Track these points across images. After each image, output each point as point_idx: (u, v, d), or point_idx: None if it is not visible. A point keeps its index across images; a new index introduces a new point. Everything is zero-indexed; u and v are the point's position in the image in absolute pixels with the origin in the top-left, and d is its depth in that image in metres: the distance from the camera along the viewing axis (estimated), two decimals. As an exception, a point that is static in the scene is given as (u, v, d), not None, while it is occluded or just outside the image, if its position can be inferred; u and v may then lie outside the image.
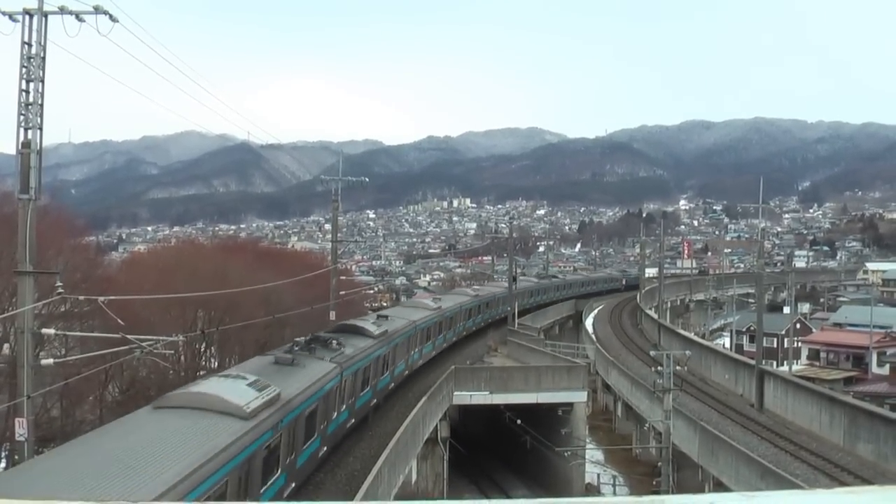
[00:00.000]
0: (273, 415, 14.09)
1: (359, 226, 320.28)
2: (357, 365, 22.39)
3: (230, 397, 13.19)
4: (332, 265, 36.02)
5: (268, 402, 14.02)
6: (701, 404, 34.42)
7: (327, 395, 18.56)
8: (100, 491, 8.82)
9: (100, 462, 9.97)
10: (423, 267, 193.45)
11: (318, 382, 17.74)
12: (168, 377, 26.68)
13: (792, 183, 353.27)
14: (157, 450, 10.67)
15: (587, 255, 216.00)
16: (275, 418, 14.15)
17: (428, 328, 36.00)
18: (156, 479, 9.66)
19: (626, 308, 77.86)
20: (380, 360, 25.68)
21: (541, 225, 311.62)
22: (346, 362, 20.95)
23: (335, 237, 37.21)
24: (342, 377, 20.10)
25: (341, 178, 36.32)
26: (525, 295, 65.98)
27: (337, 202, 36.26)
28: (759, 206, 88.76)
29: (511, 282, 54.18)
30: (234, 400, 13.15)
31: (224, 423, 12.26)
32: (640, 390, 35.05)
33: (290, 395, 15.35)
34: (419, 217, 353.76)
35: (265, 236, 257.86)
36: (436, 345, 38.15)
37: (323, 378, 18.28)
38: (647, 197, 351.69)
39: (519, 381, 34.32)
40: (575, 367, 35.86)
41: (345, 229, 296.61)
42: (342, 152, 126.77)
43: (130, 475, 9.62)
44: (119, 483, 9.27)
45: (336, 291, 34.81)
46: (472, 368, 36.58)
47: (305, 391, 16.54)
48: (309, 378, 17.40)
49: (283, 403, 14.77)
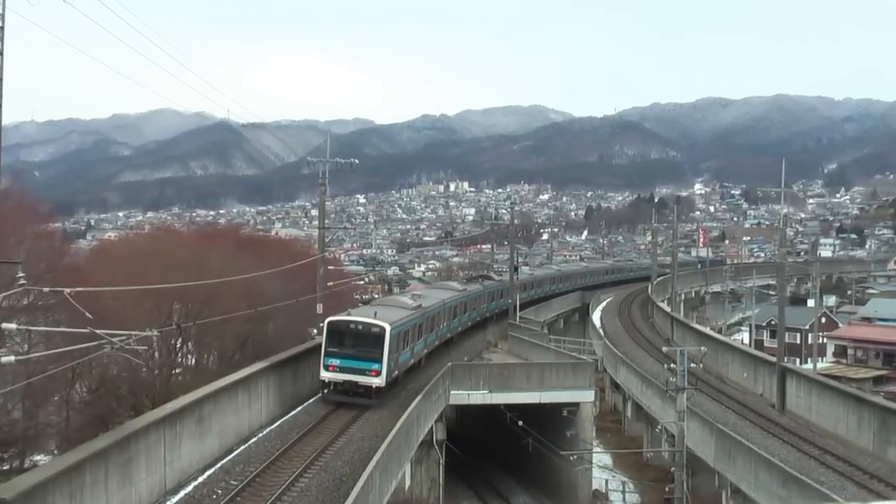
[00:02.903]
0: (412, 314, 33.43)
1: (348, 211, 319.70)
2: (399, 328, 30.77)
3: (404, 300, 35.98)
4: (318, 254, 35.94)
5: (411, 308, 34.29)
6: (717, 405, 34.51)
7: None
8: (381, 313, 29.80)
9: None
10: (417, 256, 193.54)
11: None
12: (141, 375, 26.66)
13: (817, 165, 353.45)
14: (395, 310, 32.09)
15: (594, 244, 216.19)
16: (415, 313, 33.81)
17: (454, 307, 43.14)
18: (402, 312, 31.76)
19: (636, 300, 77.93)
20: (415, 328, 34.04)
21: (544, 211, 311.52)
22: (394, 323, 30.11)
23: (322, 224, 37.06)
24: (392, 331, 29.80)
25: (329, 159, 36.12)
26: (536, 284, 65.97)
27: (324, 186, 36.12)
28: (781, 190, 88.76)
29: (512, 272, 54.29)
30: (407, 302, 35.54)
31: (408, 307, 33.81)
32: (651, 389, 35.11)
33: (403, 314, 32.80)
34: (413, 202, 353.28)
35: (246, 223, 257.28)
36: (461, 322, 45.04)
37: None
38: (659, 180, 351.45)
39: (520, 380, 34.38)
40: (581, 364, 35.91)
41: (333, 215, 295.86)
42: (330, 132, 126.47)
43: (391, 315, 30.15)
44: (392, 313, 30.81)
45: (323, 282, 34.75)
46: (470, 365, 36.63)
47: (405, 319, 32.28)
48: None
49: (413, 311, 34.00)
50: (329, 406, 28.47)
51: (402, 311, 33.09)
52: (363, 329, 29.11)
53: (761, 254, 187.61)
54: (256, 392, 25.76)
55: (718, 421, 29.22)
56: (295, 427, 25.70)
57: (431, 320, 37.23)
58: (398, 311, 32.67)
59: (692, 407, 28.39)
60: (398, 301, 37.33)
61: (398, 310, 33.16)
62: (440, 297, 41.50)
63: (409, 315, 33.15)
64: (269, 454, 22.29)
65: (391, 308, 33.30)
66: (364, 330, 29.10)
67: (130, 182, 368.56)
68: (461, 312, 44.80)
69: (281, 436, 24.63)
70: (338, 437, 24.55)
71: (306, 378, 31.52)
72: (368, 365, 28.82)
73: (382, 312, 30.91)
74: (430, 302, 38.15)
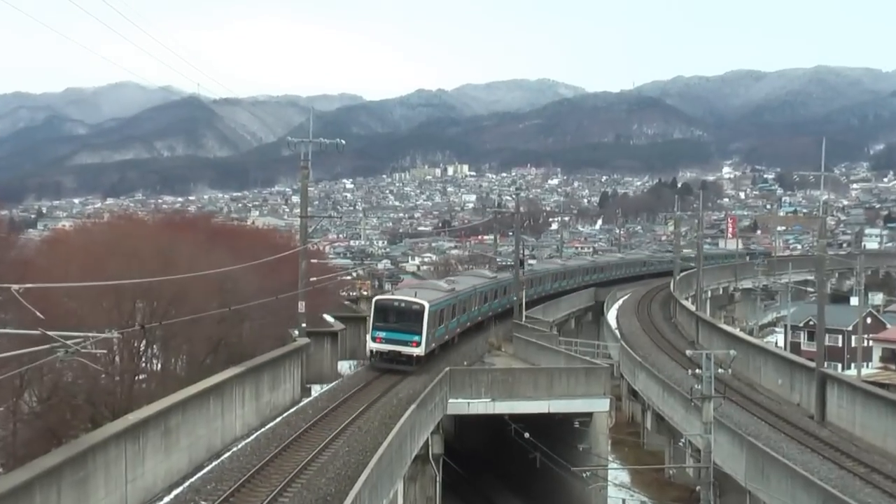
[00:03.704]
0: (447, 295, 42.79)
1: (333, 198, 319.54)
2: (436, 306, 40.30)
3: (440, 284, 47.20)
4: (300, 246, 35.93)
5: (446, 291, 43.89)
6: (749, 415, 34.60)
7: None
8: (420, 293, 40.77)
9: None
10: (411, 248, 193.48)
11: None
12: (100, 382, 26.61)
13: (861, 146, 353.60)
14: (432, 291, 42.71)
15: (610, 234, 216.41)
16: (450, 295, 43.09)
17: (485, 292, 51.22)
18: (438, 293, 42.35)
19: (656, 298, 78.12)
20: (449, 308, 43.05)
21: (553, 197, 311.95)
22: (432, 301, 39.77)
23: (305, 212, 37.13)
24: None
25: (312, 139, 36.06)
26: (537, 282, 66.33)
27: (307, 169, 36.14)
28: (821, 174, 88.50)
29: (518, 266, 54.57)
30: (442, 285, 46.24)
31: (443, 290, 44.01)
32: (673, 398, 35.16)
33: (440, 295, 42.11)
34: (406, 188, 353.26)
35: (219, 210, 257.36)
36: (492, 307, 53.13)
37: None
38: (682, 163, 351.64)
39: (527, 386, 34.52)
40: (595, 369, 36.08)
41: (316, 202, 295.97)
42: (313, 109, 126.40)
43: (429, 294, 41.02)
44: (430, 293, 41.48)
45: (306, 277, 34.77)
46: (470, 370, 36.78)
47: (441, 299, 41.93)
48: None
49: (448, 293, 43.18)
50: (314, 415, 28.72)
51: (439, 293, 43.07)
52: (405, 306, 38.91)
53: (798, 246, 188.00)
54: (230, 401, 25.83)
55: (750, 433, 29.27)
56: (274, 440, 25.78)
57: (464, 303, 46.70)
58: (435, 292, 42.74)
59: (720, 418, 28.44)
60: (435, 284, 48.55)
61: (435, 291, 43.37)
62: (472, 282, 50.86)
63: (444, 296, 43.02)
64: (244, 470, 22.35)
65: (429, 289, 43.90)
66: (406, 307, 38.88)
67: (87, 164, 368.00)
68: (491, 298, 53.52)
69: (258, 450, 24.69)
70: (322, 451, 24.62)
71: (287, 385, 31.55)
72: (410, 337, 38.31)
73: (422, 293, 41.40)
74: (462, 286, 47.71)
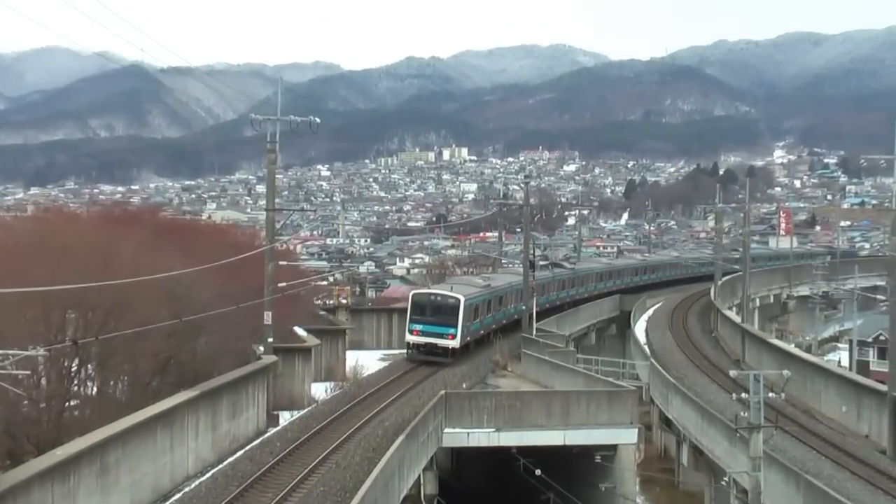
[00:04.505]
0: (482, 291, 52.85)
1: (306, 187, 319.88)
2: (471, 301, 49.04)
3: (476, 280, 59.12)
4: (266, 245, 35.90)
5: (481, 287, 54.24)
6: (806, 449, 34.58)
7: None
8: (456, 288, 50.64)
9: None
10: (400, 247, 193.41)
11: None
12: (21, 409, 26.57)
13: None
14: (467, 286, 52.46)
15: (638, 231, 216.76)
16: (485, 291, 53.19)
17: (521, 290, 56.38)
18: (474, 289, 52.11)
19: (693, 307, 78.17)
20: (484, 304, 51.95)
21: (570, 186, 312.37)
22: (467, 296, 48.78)
23: (272, 204, 37.08)
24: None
25: (280, 117, 36.04)
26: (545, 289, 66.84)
27: (274, 153, 36.14)
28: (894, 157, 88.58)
29: (527, 269, 54.92)
30: (477, 281, 57.57)
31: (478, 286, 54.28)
32: (715, 427, 35.10)
33: (475, 290, 52.06)
34: (394, 175, 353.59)
35: (168, 202, 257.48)
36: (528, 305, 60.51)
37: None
38: (725, 145, 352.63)
39: (538, 414, 34.54)
40: (620, 392, 36.12)
41: (286, 193, 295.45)
42: (281, 80, 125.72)
43: (465, 289, 50.54)
44: (466, 288, 51.27)
45: (273, 283, 34.76)
46: (470, 394, 36.76)
47: (476, 294, 51.01)
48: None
49: (483, 289, 53.27)
50: (282, 448, 28.77)
51: (474, 288, 52.31)
52: (441, 300, 48.15)
53: (865, 244, 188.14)
54: (182, 431, 25.86)
55: (808, 471, 29.26)
56: (234, 479, 25.77)
57: (500, 300, 55.52)
58: (471, 288, 52.03)
59: (771, 452, 28.43)
60: (471, 280, 59.02)
61: (470, 286, 52.65)
62: (508, 280, 59.58)
63: (479, 292, 52.12)
64: (198, 516, 22.32)
65: (465, 285, 53.25)
66: (442, 300, 48.03)
67: (6, 146, 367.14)
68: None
69: (214, 491, 24.67)
70: (292, 492, 24.61)
71: (250, 412, 31.52)
72: (446, 329, 47.11)
73: (458, 287, 50.90)
74: (498, 283, 56.98)
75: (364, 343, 62.63)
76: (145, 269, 28.77)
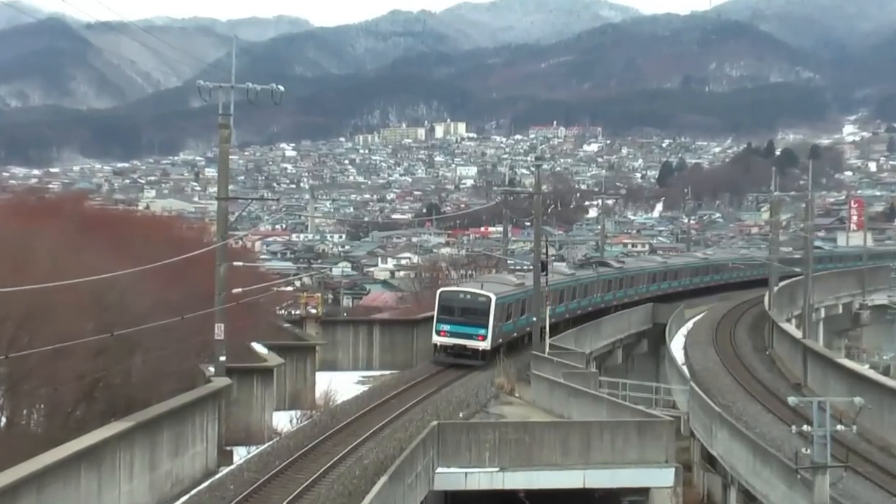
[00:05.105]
0: (515, 290, 59.39)
1: (268, 171, 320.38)
2: (503, 300, 54.92)
3: (509, 278, 66.16)
4: (218, 241, 35.66)
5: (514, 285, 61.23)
6: (884, 495, 34.39)
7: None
8: (487, 286, 58.51)
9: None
10: (382, 245, 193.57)
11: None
12: None
13: None
14: (500, 285, 59.70)
15: (675, 224, 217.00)
16: (518, 290, 59.37)
17: (561, 291, 64.17)
18: (506, 287, 59.09)
19: (743, 319, 78.31)
20: (518, 303, 57.56)
21: (592, 170, 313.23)
22: (499, 294, 54.77)
23: (225, 191, 36.82)
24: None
25: (235, 84, 35.80)
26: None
27: (227, 128, 35.89)
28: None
29: (538, 271, 55.25)
30: (511, 279, 65.03)
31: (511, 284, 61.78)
32: (770, 467, 34.94)
33: (507, 289, 59.09)
34: (375, 156, 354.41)
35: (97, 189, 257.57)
36: (569, 309, 67.43)
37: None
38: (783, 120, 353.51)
39: (552, 449, 34.40)
40: (652, 423, 36.12)
41: (242, 178, 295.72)
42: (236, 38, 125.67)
43: (496, 288, 57.69)
44: (497, 287, 58.34)
45: (226, 288, 34.58)
46: (468, 425, 36.49)
47: (508, 293, 57.88)
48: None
49: (516, 288, 60.02)
50: (236, 493, 28.68)
51: (507, 287, 58.10)
52: (471, 298, 54.05)
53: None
54: (112, 471, 25.63)
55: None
56: (176, 531, 25.50)
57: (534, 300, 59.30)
58: (503, 286, 57.66)
59: (840, 498, 28.16)
60: (503, 278, 64.09)
61: (503, 284, 58.37)
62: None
63: (512, 290, 57.93)
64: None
65: (496, 283, 59.48)
66: (472, 299, 53.98)
67: None
68: (568, 298, 67.66)
69: (152, 546, 24.39)
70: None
71: (197, 447, 31.27)
72: (475, 330, 52.58)
73: (489, 285, 57.00)
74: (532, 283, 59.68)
75: (338, 363, 62.26)
76: (67, 272, 28.58)
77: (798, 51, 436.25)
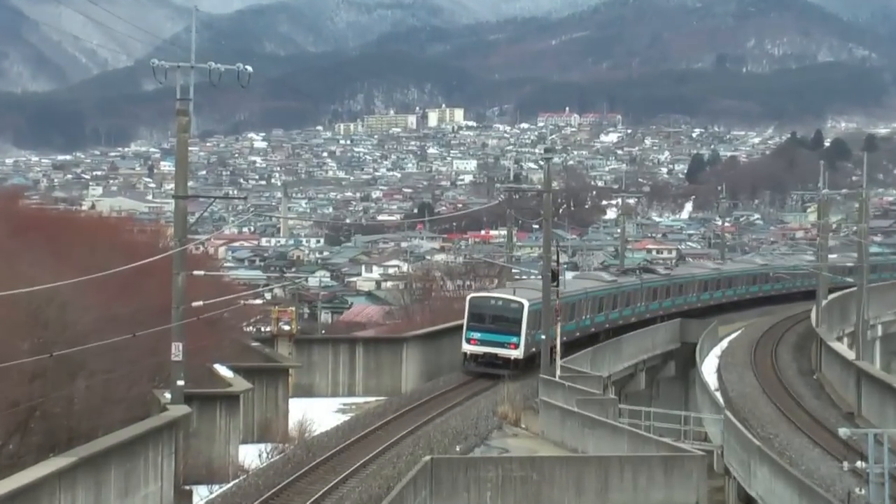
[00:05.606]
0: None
1: (233, 165, 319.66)
2: (537, 306, 57.01)
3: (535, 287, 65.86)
4: (175, 247, 35.72)
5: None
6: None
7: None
8: (519, 292, 63.49)
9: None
10: (366, 250, 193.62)
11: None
12: None
13: None
14: (533, 291, 61.70)
15: (707, 227, 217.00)
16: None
17: (600, 298, 70.42)
18: (539, 293, 58.19)
19: (785, 337, 78.37)
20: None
21: (610, 164, 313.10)
22: (532, 300, 58.42)
23: (183, 189, 36.85)
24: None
25: (195, 63, 35.96)
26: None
27: (186, 115, 36.02)
28: None
29: (548, 280, 55.52)
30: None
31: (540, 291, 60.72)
32: (819, 509, 35.11)
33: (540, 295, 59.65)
34: (358, 148, 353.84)
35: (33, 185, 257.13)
36: (608, 318, 72.38)
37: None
38: (833, 106, 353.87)
39: (564, 489, 34.55)
40: (681, 458, 36.35)
41: (204, 172, 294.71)
42: (197, 10, 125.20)
43: (529, 294, 61.54)
44: (530, 293, 61.76)
45: (185, 302, 34.65)
46: (466, 461, 36.65)
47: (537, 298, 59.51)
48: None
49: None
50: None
51: (540, 293, 57.70)
52: (503, 305, 59.09)
53: None
54: (50, 516, 25.50)
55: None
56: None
57: (571, 308, 64.03)
58: (536, 292, 58.63)
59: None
60: (537, 284, 63.69)
61: (536, 291, 59.13)
62: (582, 285, 69.87)
63: None
64: None
65: (530, 289, 62.23)
66: (504, 305, 59.08)
67: None
68: (608, 307, 72.53)
69: None
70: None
71: (150, 486, 31.31)
72: (507, 338, 57.39)
73: (521, 291, 61.23)
74: (570, 288, 64.04)
75: (315, 388, 62.45)
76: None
77: (851, 25, 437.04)
